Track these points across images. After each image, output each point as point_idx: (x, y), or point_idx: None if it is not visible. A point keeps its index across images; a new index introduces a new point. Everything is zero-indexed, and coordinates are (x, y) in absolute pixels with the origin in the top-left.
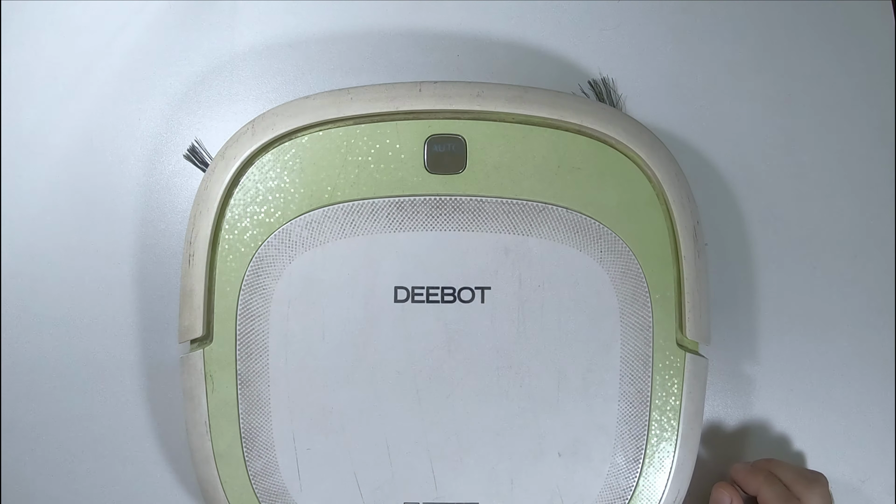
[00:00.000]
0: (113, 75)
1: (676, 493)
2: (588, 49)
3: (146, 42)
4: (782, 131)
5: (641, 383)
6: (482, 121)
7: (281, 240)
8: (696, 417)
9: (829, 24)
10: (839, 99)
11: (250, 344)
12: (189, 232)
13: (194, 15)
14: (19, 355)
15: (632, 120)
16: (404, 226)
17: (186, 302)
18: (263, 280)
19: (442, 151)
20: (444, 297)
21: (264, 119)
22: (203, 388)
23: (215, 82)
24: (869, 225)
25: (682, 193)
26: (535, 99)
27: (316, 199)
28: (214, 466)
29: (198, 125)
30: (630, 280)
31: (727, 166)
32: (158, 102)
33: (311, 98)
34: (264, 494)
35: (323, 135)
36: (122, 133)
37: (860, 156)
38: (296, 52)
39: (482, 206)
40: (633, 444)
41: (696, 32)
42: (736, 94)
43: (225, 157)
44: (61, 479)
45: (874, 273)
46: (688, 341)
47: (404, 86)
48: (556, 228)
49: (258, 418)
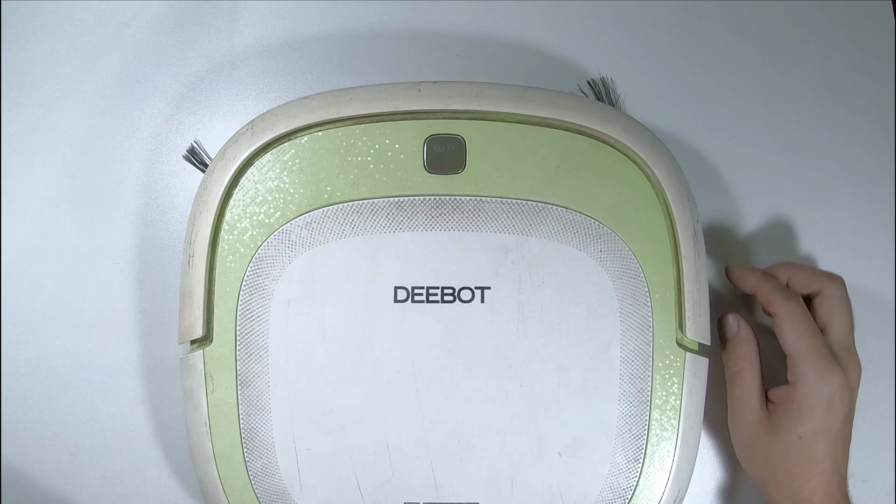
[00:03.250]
0: (113, 75)
1: (677, 492)
2: (588, 49)
3: (146, 42)
4: (782, 131)
5: (641, 383)
6: (482, 121)
7: (280, 240)
8: (697, 417)
9: (829, 24)
10: (839, 99)
11: (250, 344)
12: (189, 232)
13: (194, 15)
14: (19, 355)
15: (631, 120)
16: (404, 226)
17: (186, 302)
18: (263, 280)
19: (441, 151)
20: (444, 297)
21: (264, 119)
22: (203, 389)
23: (215, 82)
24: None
25: (682, 193)
26: (535, 99)
27: (315, 200)
28: (214, 467)
29: (198, 125)
30: (630, 280)
31: (727, 166)
32: (158, 102)
33: (310, 98)
34: (264, 495)
35: (322, 135)
36: (122, 133)
37: (860, 156)
38: (296, 52)
39: (482, 206)
40: (634, 444)
41: (696, 32)
42: (736, 94)
43: (224, 158)
44: (61, 479)
45: (874, 273)
46: (688, 341)
47: (404, 86)
48: (556, 228)
49: (258, 418)
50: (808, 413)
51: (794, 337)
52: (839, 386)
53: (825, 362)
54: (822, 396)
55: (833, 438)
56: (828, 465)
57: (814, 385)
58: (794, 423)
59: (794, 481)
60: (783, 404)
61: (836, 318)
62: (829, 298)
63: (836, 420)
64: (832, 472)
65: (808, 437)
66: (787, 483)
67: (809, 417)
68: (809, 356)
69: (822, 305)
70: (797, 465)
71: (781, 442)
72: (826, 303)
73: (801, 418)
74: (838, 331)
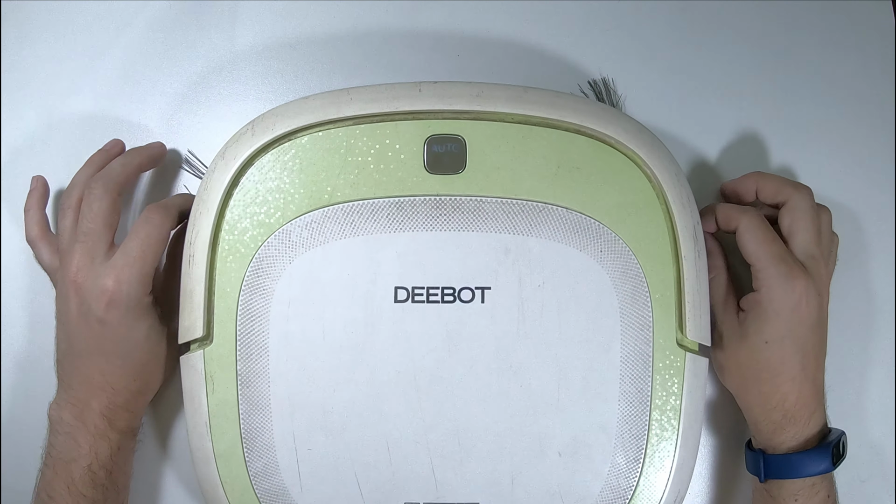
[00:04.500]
0: (113, 75)
1: (677, 493)
2: (588, 49)
3: (146, 42)
4: (782, 131)
5: (641, 383)
6: (482, 121)
7: (281, 240)
8: (697, 417)
9: (829, 24)
10: (839, 98)
11: (250, 344)
12: (189, 232)
13: (194, 15)
14: (19, 355)
15: (631, 120)
16: (404, 226)
17: (187, 302)
18: (263, 280)
19: (442, 151)
20: (445, 298)
21: (264, 119)
22: (203, 389)
23: (215, 82)
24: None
25: (682, 193)
26: (535, 99)
27: (316, 200)
28: (215, 467)
29: (198, 125)
30: (630, 280)
31: (727, 166)
32: (158, 102)
33: (310, 98)
34: (265, 495)
35: (323, 135)
36: (122, 133)
37: (860, 155)
38: (296, 52)
39: (482, 206)
40: (634, 444)
41: (696, 32)
42: (735, 94)
43: (225, 158)
44: None
45: (874, 273)
46: (688, 341)
47: (404, 86)
48: (556, 228)
49: (259, 418)
50: (773, 316)
51: (755, 245)
52: (804, 289)
53: (786, 266)
54: (787, 300)
55: (801, 344)
56: (797, 370)
57: (777, 288)
58: (761, 327)
59: (764, 387)
60: (752, 311)
61: (800, 226)
62: (793, 209)
63: (804, 324)
64: (803, 379)
65: (775, 341)
66: (757, 389)
67: (775, 320)
68: (771, 261)
69: (787, 215)
70: (766, 370)
71: (749, 347)
72: (791, 213)
73: (767, 322)
74: (802, 238)
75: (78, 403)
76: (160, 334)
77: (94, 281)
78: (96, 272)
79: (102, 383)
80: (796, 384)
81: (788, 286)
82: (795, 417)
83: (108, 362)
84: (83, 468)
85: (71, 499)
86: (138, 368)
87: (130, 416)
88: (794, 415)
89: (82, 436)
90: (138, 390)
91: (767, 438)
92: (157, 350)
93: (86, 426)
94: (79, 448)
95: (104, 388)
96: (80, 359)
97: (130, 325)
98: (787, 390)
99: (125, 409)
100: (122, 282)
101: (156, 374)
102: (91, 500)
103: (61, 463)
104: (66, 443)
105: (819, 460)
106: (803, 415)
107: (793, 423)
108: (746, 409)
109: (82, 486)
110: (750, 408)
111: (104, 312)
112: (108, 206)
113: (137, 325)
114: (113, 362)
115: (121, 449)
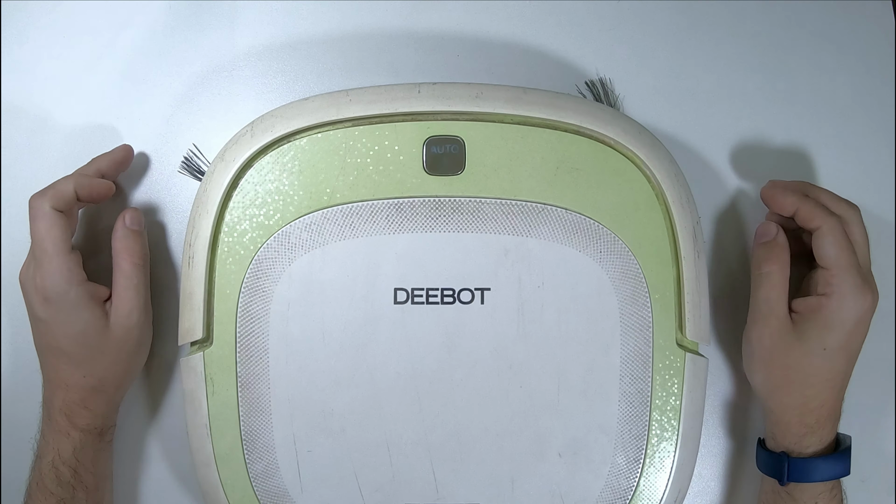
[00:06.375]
0: (113, 76)
1: (677, 493)
2: (587, 49)
3: (146, 42)
4: (782, 131)
5: (641, 383)
6: (481, 122)
7: (280, 242)
8: (697, 417)
9: (829, 24)
10: (839, 99)
11: (250, 346)
12: (188, 234)
13: (194, 15)
14: (19, 355)
15: (631, 120)
16: (404, 227)
17: (186, 304)
18: (263, 282)
19: (441, 153)
20: (444, 299)
21: (263, 121)
22: (203, 391)
23: (215, 82)
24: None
25: (682, 193)
26: (534, 100)
27: (315, 202)
28: (215, 468)
29: (197, 126)
30: (630, 280)
31: (727, 166)
32: (158, 102)
33: (309, 100)
34: (265, 496)
35: (322, 137)
36: (122, 133)
37: (860, 155)
38: (296, 52)
39: (481, 208)
40: (634, 445)
41: (695, 32)
42: (735, 94)
43: (224, 160)
44: None
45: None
46: (688, 341)
47: (403, 87)
48: (556, 229)
49: (259, 420)
50: (838, 325)
51: (837, 250)
52: (871, 304)
53: (862, 279)
54: (856, 311)
55: (852, 355)
56: (840, 380)
57: (850, 298)
58: (822, 334)
59: (809, 391)
60: (811, 314)
61: (859, 242)
62: (851, 224)
63: (861, 338)
64: (841, 388)
65: (833, 349)
66: (800, 392)
67: (839, 330)
68: (849, 270)
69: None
70: (816, 375)
71: (805, 351)
72: (849, 228)
73: (831, 329)
74: (861, 256)
75: (45, 401)
76: (103, 327)
77: (30, 282)
78: (30, 273)
79: (58, 380)
80: (835, 392)
81: (861, 298)
82: (824, 423)
83: (57, 359)
84: (48, 464)
85: (41, 495)
86: (86, 365)
87: (91, 415)
88: (825, 421)
89: (49, 432)
90: (92, 388)
91: (795, 442)
92: (102, 345)
93: (50, 423)
94: (46, 444)
95: (59, 386)
96: (42, 357)
97: (65, 320)
98: (827, 397)
99: (82, 406)
100: (45, 277)
101: (111, 371)
102: (58, 499)
103: (36, 459)
104: (39, 439)
105: (840, 465)
106: (830, 421)
107: (822, 428)
108: (780, 410)
109: (49, 482)
110: (785, 410)
111: (42, 311)
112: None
113: (73, 319)
114: (60, 358)
115: (85, 448)
